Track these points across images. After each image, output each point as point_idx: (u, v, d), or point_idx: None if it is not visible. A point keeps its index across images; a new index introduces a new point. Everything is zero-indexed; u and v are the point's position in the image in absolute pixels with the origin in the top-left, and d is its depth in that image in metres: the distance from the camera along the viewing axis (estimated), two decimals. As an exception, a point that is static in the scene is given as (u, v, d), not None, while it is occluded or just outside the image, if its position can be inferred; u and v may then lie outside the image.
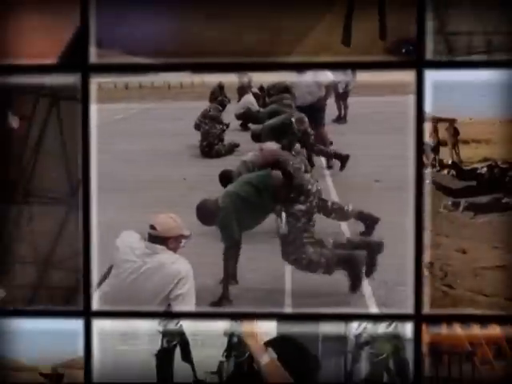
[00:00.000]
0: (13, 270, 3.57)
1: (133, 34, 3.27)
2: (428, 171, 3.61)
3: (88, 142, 3.32)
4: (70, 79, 3.22)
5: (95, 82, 3.42)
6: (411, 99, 3.35)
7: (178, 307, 3.44)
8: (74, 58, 3.23)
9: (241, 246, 3.69)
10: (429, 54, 3.22)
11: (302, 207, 3.64)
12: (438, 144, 3.67)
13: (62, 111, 3.32)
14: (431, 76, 3.32)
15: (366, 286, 3.87)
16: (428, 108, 3.43)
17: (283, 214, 3.72)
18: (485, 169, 3.62)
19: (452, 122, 3.57)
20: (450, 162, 3.69)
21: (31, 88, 3.44)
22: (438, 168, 3.69)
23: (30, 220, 3.47)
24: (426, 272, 3.50)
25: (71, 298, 3.40)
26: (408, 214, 3.32)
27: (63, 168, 3.45)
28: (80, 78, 3.20)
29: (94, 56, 3.28)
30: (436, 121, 3.58)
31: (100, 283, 3.49)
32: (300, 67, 3.34)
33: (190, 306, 3.40)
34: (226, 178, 3.68)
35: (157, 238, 3.56)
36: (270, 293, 3.68)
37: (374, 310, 3.61)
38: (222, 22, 3.28)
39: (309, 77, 3.64)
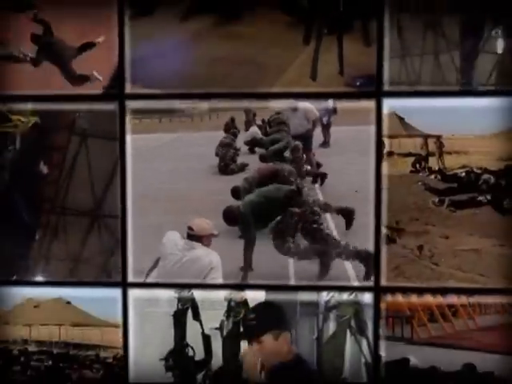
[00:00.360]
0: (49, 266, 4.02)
1: (156, 73, 3.68)
2: (420, 175, 3.86)
3: (125, 158, 3.77)
4: (110, 106, 3.70)
5: (136, 117, 3.80)
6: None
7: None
8: (113, 90, 3.71)
9: (256, 241, 4.06)
10: (386, 86, 3.57)
11: (297, 210, 4.00)
12: (427, 154, 3.87)
13: (89, 146, 3.81)
14: (421, 102, 3.64)
15: (349, 265, 4.11)
16: (420, 127, 3.79)
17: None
18: (463, 174, 3.85)
19: (438, 137, 3.83)
20: (436, 169, 3.89)
21: (66, 127, 3.85)
22: (428, 173, 3.90)
23: (64, 227, 3.94)
24: (416, 253, 3.76)
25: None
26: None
27: (89, 189, 3.84)
28: (118, 104, 3.67)
29: (128, 88, 3.70)
30: (426, 137, 3.86)
31: (150, 271, 3.95)
32: (281, 96, 3.70)
33: (219, 287, 3.92)
34: (235, 191, 4.08)
35: (194, 237, 3.91)
36: (277, 277, 3.96)
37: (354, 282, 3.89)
38: (222, 62, 3.67)
39: (300, 113, 4.03)
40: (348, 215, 3.89)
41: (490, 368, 3.61)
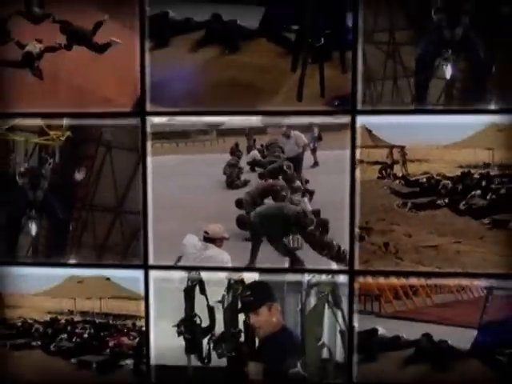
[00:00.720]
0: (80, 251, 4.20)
1: (171, 94, 3.88)
2: (386, 181, 3.92)
3: (146, 170, 3.96)
4: (134, 121, 3.93)
5: (158, 142, 3.98)
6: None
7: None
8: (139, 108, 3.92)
9: (260, 245, 4.09)
10: (359, 105, 3.73)
11: (312, 227, 4.01)
12: (393, 162, 3.91)
13: (113, 155, 4.05)
14: (387, 119, 3.80)
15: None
16: (386, 138, 3.88)
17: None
18: (424, 179, 3.89)
19: (402, 147, 3.86)
20: (400, 175, 3.92)
21: (94, 139, 4.05)
22: (393, 179, 3.92)
23: (92, 220, 4.16)
24: (383, 249, 3.87)
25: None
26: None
27: (113, 189, 4.08)
28: (140, 120, 3.92)
29: (148, 107, 3.90)
30: (391, 147, 3.89)
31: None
32: (273, 114, 3.84)
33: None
34: (239, 202, 4.14)
35: (208, 239, 4.06)
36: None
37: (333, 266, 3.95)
38: (225, 86, 3.84)
39: (292, 140, 4.11)
40: (324, 225, 3.99)
41: (444, 337, 3.79)
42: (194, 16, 3.84)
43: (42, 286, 4.30)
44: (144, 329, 4.15)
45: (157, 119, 3.94)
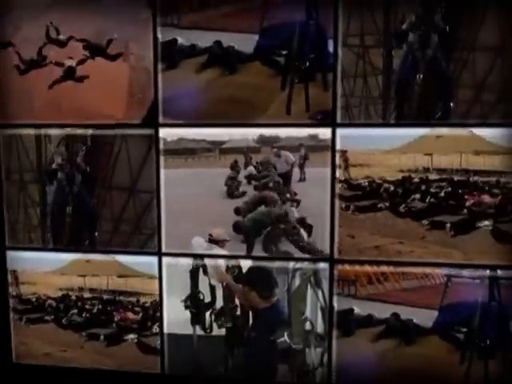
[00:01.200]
0: (99, 224, 4.31)
1: (180, 109, 4.09)
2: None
3: (160, 180, 4.20)
4: (148, 132, 4.16)
5: (170, 158, 4.19)
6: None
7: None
8: (150, 120, 4.12)
9: (254, 245, 4.27)
10: (338, 118, 3.88)
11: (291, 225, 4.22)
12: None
13: (129, 143, 4.24)
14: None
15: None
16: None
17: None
18: (366, 183, 3.89)
19: (344, 152, 3.88)
20: (343, 179, 3.91)
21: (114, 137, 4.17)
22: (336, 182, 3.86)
23: (110, 199, 4.28)
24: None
25: (130, 239, 4.29)
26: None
27: (128, 172, 4.23)
28: (154, 131, 4.14)
29: (160, 119, 4.10)
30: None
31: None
32: (266, 126, 4.03)
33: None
34: (237, 210, 4.33)
35: (212, 241, 4.24)
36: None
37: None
38: (224, 102, 4.03)
39: (282, 158, 4.24)
40: (308, 228, 4.15)
41: (409, 316, 3.98)
42: (198, 42, 4.01)
43: (55, 266, 4.41)
44: (148, 305, 4.31)
45: (169, 138, 4.17)
